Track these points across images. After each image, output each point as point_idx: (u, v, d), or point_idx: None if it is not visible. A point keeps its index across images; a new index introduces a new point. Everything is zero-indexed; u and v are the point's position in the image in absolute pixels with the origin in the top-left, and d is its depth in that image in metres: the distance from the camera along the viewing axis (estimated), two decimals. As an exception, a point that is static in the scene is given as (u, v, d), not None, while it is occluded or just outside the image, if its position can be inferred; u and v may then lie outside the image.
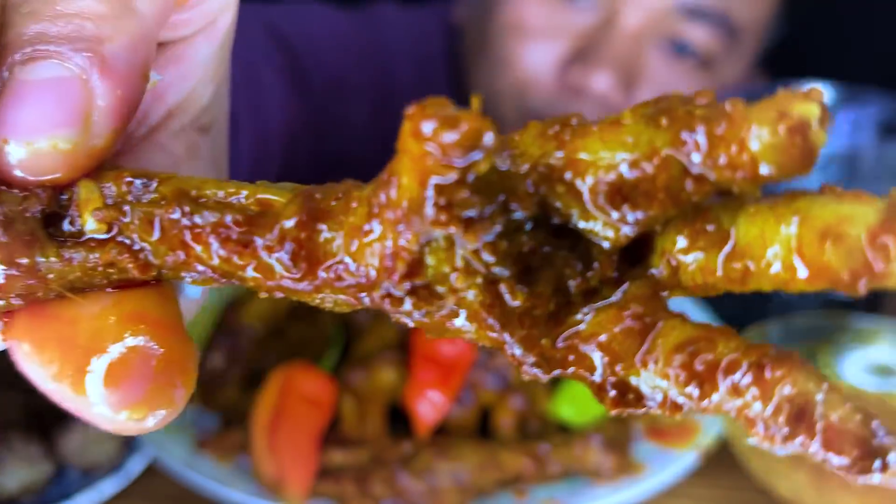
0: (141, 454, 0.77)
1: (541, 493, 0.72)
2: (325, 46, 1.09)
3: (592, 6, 1.04)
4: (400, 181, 0.22)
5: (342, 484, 0.70)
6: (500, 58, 1.10)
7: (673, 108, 0.22)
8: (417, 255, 0.23)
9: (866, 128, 0.96)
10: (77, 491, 0.74)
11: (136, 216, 0.25)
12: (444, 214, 0.22)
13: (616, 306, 0.24)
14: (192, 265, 0.25)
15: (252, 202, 0.25)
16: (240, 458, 0.74)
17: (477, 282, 0.23)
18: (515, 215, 0.23)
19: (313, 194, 0.25)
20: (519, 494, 0.72)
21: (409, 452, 0.72)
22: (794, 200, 0.22)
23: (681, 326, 0.23)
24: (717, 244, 0.23)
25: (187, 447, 0.75)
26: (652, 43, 1.04)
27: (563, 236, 0.24)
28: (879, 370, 0.85)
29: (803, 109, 0.20)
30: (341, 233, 0.24)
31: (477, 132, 0.21)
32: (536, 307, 0.24)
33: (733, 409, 0.22)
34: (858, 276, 0.20)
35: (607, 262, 0.24)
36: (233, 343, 0.80)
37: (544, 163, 0.23)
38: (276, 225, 0.24)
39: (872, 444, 0.21)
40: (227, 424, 0.78)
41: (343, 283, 0.24)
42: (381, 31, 1.18)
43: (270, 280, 0.25)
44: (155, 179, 0.26)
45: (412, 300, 0.24)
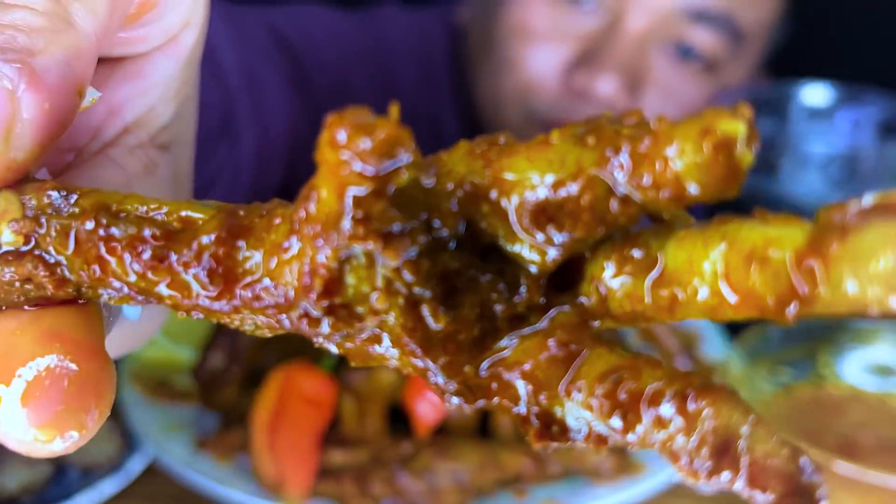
0: (141, 454, 0.77)
1: (541, 493, 0.72)
2: (327, 49, 1.08)
3: (597, 9, 1.04)
4: (319, 194, 0.21)
5: (342, 484, 0.70)
6: (505, 60, 1.10)
7: (601, 127, 0.21)
8: (336, 273, 0.22)
9: (866, 128, 0.96)
10: (77, 491, 0.74)
11: (53, 228, 0.24)
12: (362, 228, 0.21)
13: (542, 333, 0.23)
14: (108, 281, 0.24)
15: (174, 218, 0.24)
16: (240, 457, 0.74)
17: (398, 303, 0.22)
18: (439, 234, 0.22)
19: (237, 211, 0.24)
20: (519, 494, 0.72)
21: (409, 452, 0.72)
22: (723, 225, 0.21)
23: (607, 355, 0.22)
24: (644, 270, 0.22)
25: (187, 447, 0.75)
26: (657, 46, 1.04)
27: (491, 260, 0.23)
28: (879, 370, 0.85)
29: (729, 127, 0.20)
30: (261, 250, 0.23)
31: (393, 140, 0.20)
32: (460, 332, 0.23)
33: (658, 442, 0.21)
34: (785, 301, 0.20)
35: (535, 287, 0.23)
36: (233, 343, 0.80)
37: (470, 181, 0.22)
38: (195, 241, 0.23)
39: (800, 482, 0.20)
40: (227, 424, 0.79)
41: (262, 303, 0.23)
42: (384, 33, 1.17)
43: (187, 299, 0.24)
44: (76, 193, 0.25)
45: (330, 320, 0.23)
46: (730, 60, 1.06)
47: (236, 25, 0.94)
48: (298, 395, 0.72)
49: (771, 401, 0.82)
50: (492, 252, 0.23)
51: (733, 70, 1.08)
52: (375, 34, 1.16)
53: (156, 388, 0.82)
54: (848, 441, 0.76)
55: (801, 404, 0.82)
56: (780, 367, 0.84)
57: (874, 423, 0.80)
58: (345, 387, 0.75)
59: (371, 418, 0.74)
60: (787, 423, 0.79)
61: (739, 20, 1.03)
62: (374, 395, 0.75)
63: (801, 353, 0.85)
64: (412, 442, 0.73)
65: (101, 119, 0.30)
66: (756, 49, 1.10)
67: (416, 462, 0.71)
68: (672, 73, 1.05)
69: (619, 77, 1.02)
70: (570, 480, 0.74)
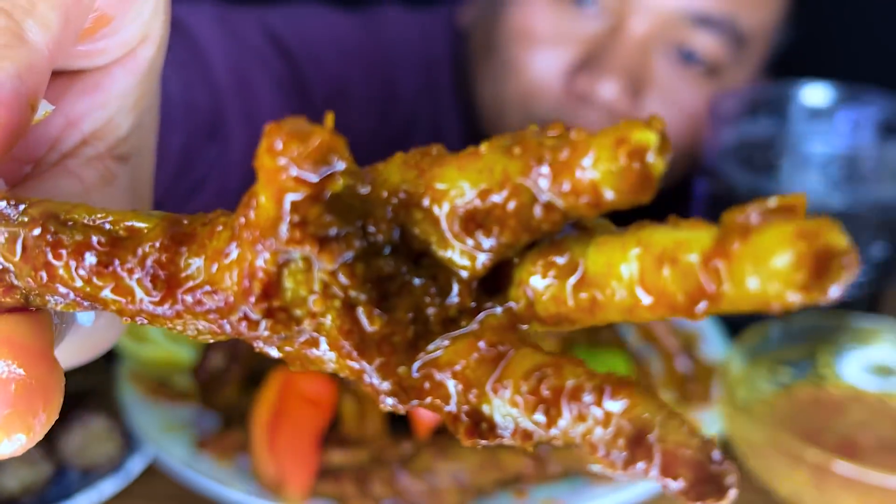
0: (141, 454, 0.77)
1: (541, 493, 0.72)
2: (325, 50, 1.08)
3: (600, 13, 1.03)
4: (258, 200, 0.22)
5: (342, 484, 0.70)
6: (507, 64, 1.10)
7: (525, 139, 0.22)
8: (275, 277, 0.23)
9: (866, 128, 0.96)
10: (77, 491, 0.74)
11: (2, 235, 0.25)
12: (299, 232, 0.22)
13: (472, 335, 0.24)
14: (55, 287, 0.25)
15: (120, 228, 0.25)
16: (240, 458, 0.74)
17: (335, 305, 0.23)
18: (374, 239, 0.23)
19: (180, 220, 0.25)
20: (519, 494, 0.72)
21: (409, 452, 0.73)
22: (638, 230, 0.22)
23: (532, 355, 0.23)
24: (567, 274, 0.23)
25: (187, 447, 0.75)
26: (659, 50, 1.04)
27: (424, 265, 0.24)
28: (879, 370, 0.85)
29: (642, 137, 0.21)
30: (203, 256, 0.24)
31: (328, 147, 0.21)
32: (395, 334, 0.23)
33: (578, 436, 0.22)
34: (694, 299, 0.21)
35: (466, 291, 0.24)
36: (233, 343, 0.80)
37: (404, 189, 0.23)
38: (139, 247, 0.24)
39: (709, 470, 0.21)
40: (227, 424, 0.79)
41: (203, 307, 0.24)
42: (385, 34, 1.17)
43: (131, 304, 0.25)
44: (25, 202, 0.26)
45: (269, 323, 0.23)
46: (732, 64, 1.06)
47: (227, 27, 0.94)
48: (298, 396, 0.73)
49: (771, 401, 0.82)
50: (424, 257, 0.24)
51: (735, 73, 1.08)
52: (376, 35, 1.16)
53: (156, 388, 0.82)
54: (848, 441, 0.76)
55: (801, 404, 0.82)
56: (780, 367, 0.84)
57: (874, 423, 0.80)
58: (345, 387, 0.76)
59: (371, 418, 0.75)
60: (787, 423, 0.79)
61: (741, 24, 1.03)
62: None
63: (801, 353, 0.85)
64: (412, 442, 0.73)
65: (58, 131, 0.31)
66: (758, 53, 1.10)
67: (416, 462, 0.71)
68: (674, 76, 1.05)
69: (620, 81, 1.02)
70: (570, 481, 0.74)
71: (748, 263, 0.20)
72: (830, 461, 0.67)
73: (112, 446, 0.76)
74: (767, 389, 0.83)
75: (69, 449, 0.75)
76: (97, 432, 0.76)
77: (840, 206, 0.88)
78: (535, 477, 0.73)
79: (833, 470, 0.67)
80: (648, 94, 1.05)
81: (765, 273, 0.20)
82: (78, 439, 0.75)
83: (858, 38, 1.53)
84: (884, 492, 0.66)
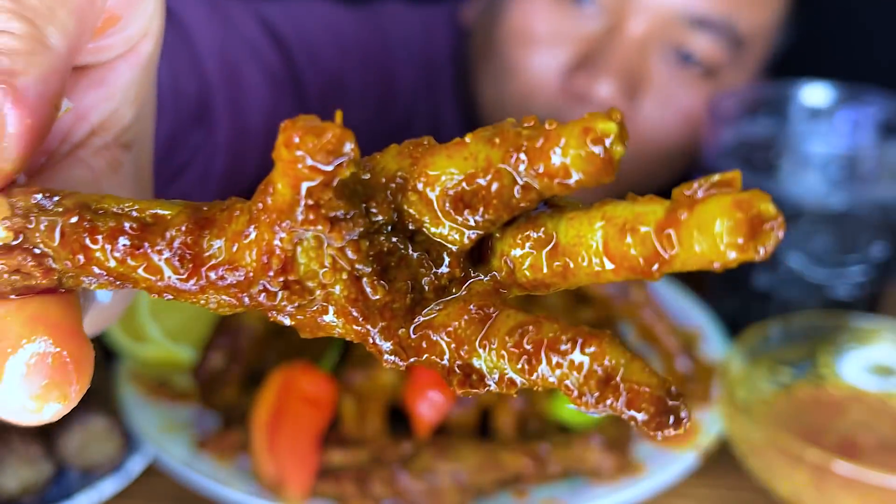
0: (141, 454, 0.77)
1: (541, 493, 0.72)
2: (323, 44, 1.08)
3: (599, 13, 1.03)
4: (276, 187, 0.26)
5: (342, 484, 0.70)
6: (506, 64, 1.10)
7: (505, 129, 0.26)
8: (291, 254, 0.27)
9: (866, 128, 0.96)
10: (77, 491, 0.74)
11: (42, 223, 0.28)
12: (313, 213, 0.25)
13: (462, 300, 0.28)
14: (90, 269, 0.28)
15: (146, 215, 0.28)
16: (240, 458, 0.74)
17: (343, 278, 0.27)
18: (376, 219, 0.27)
19: (201, 207, 0.28)
20: (519, 494, 0.72)
21: (409, 452, 0.73)
22: (602, 206, 0.26)
23: (514, 315, 0.27)
24: (542, 245, 0.27)
25: (187, 447, 0.75)
26: (657, 51, 1.04)
27: (419, 241, 0.28)
28: (879, 370, 0.85)
29: (604, 126, 0.24)
30: (223, 238, 0.27)
31: (340, 138, 0.24)
32: (395, 301, 0.27)
33: (556, 380, 0.26)
34: (651, 262, 0.25)
35: (455, 262, 0.28)
36: (233, 343, 0.80)
37: (400, 175, 0.27)
38: (167, 231, 0.28)
39: (667, 404, 0.25)
40: (227, 424, 0.79)
41: (225, 282, 0.27)
42: (386, 30, 1.17)
43: (161, 281, 0.28)
44: (59, 195, 0.29)
45: (285, 294, 0.27)
46: (729, 65, 1.06)
47: (220, 14, 0.95)
48: (298, 396, 0.73)
49: (771, 401, 0.82)
50: (419, 234, 0.28)
51: (733, 75, 1.08)
52: (376, 30, 1.16)
53: (156, 388, 0.82)
54: (848, 441, 0.76)
55: (801, 404, 0.82)
56: (780, 367, 0.84)
57: (874, 423, 0.80)
58: (345, 387, 0.76)
59: (371, 418, 0.75)
60: (786, 422, 0.79)
61: (739, 26, 1.03)
62: (373, 395, 0.75)
63: (801, 353, 0.85)
64: (412, 442, 0.73)
65: (69, 123, 0.34)
66: (756, 55, 1.10)
67: (416, 462, 0.71)
68: (671, 78, 1.05)
69: (617, 81, 1.02)
70: (570, 481, 0.74)
71: (694, 230, 0.24)
72: (830, 461, 0.67)
73: (112, 446, 0.76)
74: (767, 389, 0.83)
75: (69, 449, 0.75)
76: (97, 432, 0.76)
77: (840, 206, 0.88)
78: (535, 477, 0.73)
79: (833, 470, 0.67)
80: (645, 94, 1.05)
81: (708, 237, 0.23)
82: (78, 439, 0.75)
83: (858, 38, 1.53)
84: (884, 492, 0.66)
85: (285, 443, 0.70)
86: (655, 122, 1.07)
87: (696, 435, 0.78)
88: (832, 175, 0.88)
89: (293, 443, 0.70)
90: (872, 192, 0.88)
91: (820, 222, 0.90)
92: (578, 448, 0.74)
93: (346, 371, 0.77)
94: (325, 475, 0.71)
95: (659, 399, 0.25)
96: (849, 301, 0.94)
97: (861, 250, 0.91)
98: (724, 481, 0.80)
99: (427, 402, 0.72)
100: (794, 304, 0.93)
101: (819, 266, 0.91)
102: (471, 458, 0.71)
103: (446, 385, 0.27)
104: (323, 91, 1.07)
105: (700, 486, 0.79)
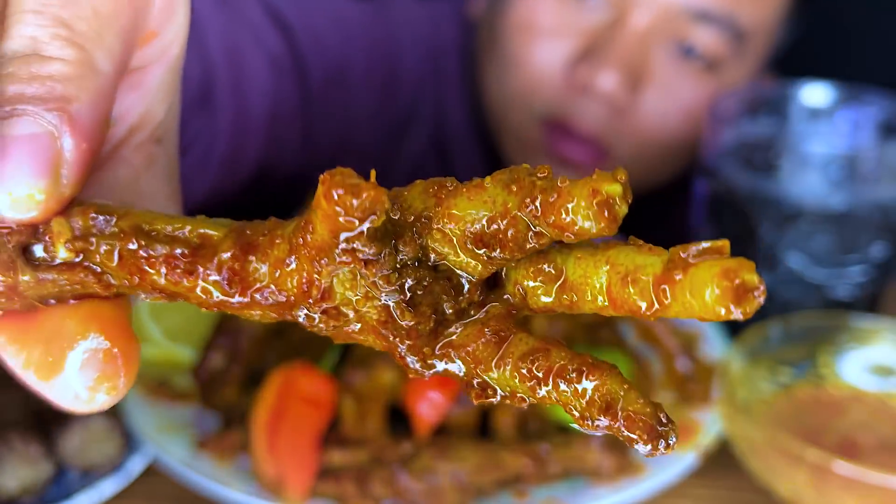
0: (141, 454, 0.77)
1: (541, 494, 0.72)
2: (328, 32, 1.08)
3: (602, 6, 1.04)
4: (315, 228, 0.29)
5: (342, 484, 0.70)
6: (510, 57, 1.10)
7: (521, 178, 0.29)
8: (328, 284, 0.30)
9: (866, 128, 0.96)
10: (77, 491, 0.74)
11: (101, 247, 0.31)
12: (349, 256, 0.29)
13: (479, 322, 0.31)
14: (146, 287, 0.31)
15: (195, 235, 0.31)
16: (240, 458, 0.74)
17: (374, 305, 0.30)
18: (403, 255, 0.30)
19: (244, 230, 0.31)
20: (519, 495, 0.73)
21: (409, 452, 0.73)
22: (607, 249, 0.30)
23: (526, 339, 0.31)
24: (553, 280, 0.31)
25: (187, 447, 0.75)
26: (659, 44, 1.04)
27: (441, 270, 0.31)
28: (879, 370, 0.85)
29: (610, 189, 0.28)
30: (267, 264, 0.31)
31: (375, 199, 0.27)
32: (420, 324, 0.31)
33: (561, 402, 0.30)
34: (648, 308, 0.28)
35: (474, 289, 0.31)
36: (233, 343, 0.80)
37: (426, 214, 0.30)
38: (216, 257, 0.31)
39: (658, 430, 0.28)
40: (227, 424, 0.79)
41: (268, 302, 0.31)
42: (394, 22, 1.18)
43: (210, 300, 0.31)
44: (114, 215, 0.31)
45: (323, 318, 0.31)
46: (732, 60, 1.07)
47: (224, 1, 0.95)
48: (298, 396, 0.73)
49: (771, 401, 0.82)
50: (441, 264, 0.31)
51: (735, 69, 1.08)
52: (383, 20, 1.16)
53: (156, 388, 0.82)
54: (848, 441, 0.76)
55: (801, 404, 0.82)
56: (780, 367, 0.84)
57: (874, 424, 0.80)
58: (345, 387, 0.76)
59: (371, 418, 0.75)
60: (786, 422, 0.79)
61: (742, 20, 1.03)
62: (373, 395, 0.75)
63: (801, 353, 0.85)
64: (412, 442, 0.73)
65: (112, 126, 0.36)
66: (759, 49, 1.10)
67: (416, 462, 0.71)
68: (673, 71, 1.05)
69: (620, 73, 1.03)
70: (570, 481, 0.74)
71: (687, 290, 0.27)
72: (830, 461, 0.67)
73: (112, 446, 0.76)
74: (767, 389, 0.83)
75: (69, 449, 0.75)
76: (97, 432, 0.76)
77: (840, 207, 0.88)
78: (535, 477, 0.73)
79: (833, 470, 0.67)
80: (647, 87, 1.06)
81: (699, 300, 0.27)
82: (78, 439, 0.75)
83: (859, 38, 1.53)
84: (884, 492, 0.66)
85: (285, 443, 0.70)
86: (657, 114, 1.07)
87: (696, 435, 0.78)
88: (832, 175, 0.88)
89: (293, 443, 0.70)
90: (872, 192, 0.88)
91: (820, 222, 0.90)
92: (578, 448, 0.74)
93: (346, 371, 0.77)
94: (325, 475, 0.71)
95: (652, 427, 0.28)
96: (849, 301, 0.94)
97: (861, 250, 0.91)
98: (723, 481, 0.80)
99: (427, 402, 0.72)
100: (794, 304, 0.94)
101: (819, 266, 0.91)
102: (471, 459, 0.71)
103: (464, 393, 0.30)
104: (327, 78, 1.07)
105: (700, 487, 0.79)
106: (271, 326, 0.83)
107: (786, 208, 0.90)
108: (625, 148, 1.10)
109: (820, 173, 0.88)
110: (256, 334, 0.81)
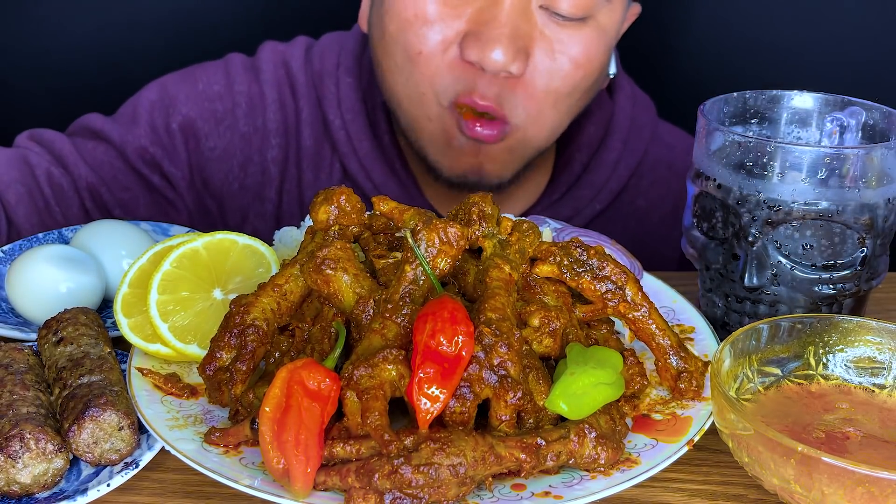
0: (151, 448, 0.78)
1: (538, 486, 0.73)
2: (204, 126, 1.36)
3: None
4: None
5: (345, 477, 0.71)
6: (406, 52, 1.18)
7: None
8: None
9: (852, 132, 0.99)
10: (89, 484, 0.75)
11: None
12: None
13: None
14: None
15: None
16: (247, 451, 0.75)
17: None
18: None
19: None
20: (516, 487, 0.73)
21: (411, 446, 0.73)
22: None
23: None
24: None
25: (196, 441, 0.76)
26: (536, 11, 1.14)
27: None
28: (865, 367, 0.86)
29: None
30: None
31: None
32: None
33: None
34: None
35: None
36: (240, 341, 0.81)
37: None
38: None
39: None
40: (234, 419, 0.80)
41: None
42: (249, 81, 1.40)
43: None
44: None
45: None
46: (600, 6, 1.17)
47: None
48: (303, 391, 0.73)
49: (760, 396, 0.83)
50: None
51: (607, 13, 1.18)
52: (239, 90, 1.39)
53: (165, 384, 0.84)
54: (835, 435, 0.77)
55: (789, 400, 0.83)
56: (768, 364, 0.85)
57: (861, 418, 0.80)
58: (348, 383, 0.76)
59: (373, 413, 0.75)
60: (775, 417, 0.79)
61: None
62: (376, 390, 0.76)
63: (790, 351, 0.86)
64: (413, 436, 0.74)
65: None
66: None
67: (416, 456, 0.72)
68: (555, 30, 1.15)
69: (507, 46, 1.12)
70: (567, 474, 0.75)
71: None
72: (818, 455, 0.68)
73: (123, 440, 0.77)
74: (756, 385, 0.84)
75: (81, 443, 0.76)
76: (108, 427, 0.77)
77: (827, 207, 0.90)
78: (532, 470, 0.73)
79: (820, 463, 0.68)
80: (536, 51, 1.15)
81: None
82: (89, 433, 0.76)
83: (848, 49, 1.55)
84: (870, 484, 0.67)
85: (290, 437, 0.71)
86: (550, 71, 1.17)
87: (687, 429, 0.79)
88: (819, 177, 0.90)
89: (298, 437, 0.71)
90: (857, 194, 0.90)
91: (808, 223, 0.91)
92: (574, 442, 0.74)
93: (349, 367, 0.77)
94: (329, 468, 0.72)
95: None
96: (835, 300, 0.95)
97: (847, 251, 0.92)
98: (714, 475, 0.81)
99: (427, 396, 0.73)
100: (782, 303, 0.95)
101: (807, 266, 0.93)
102: (469, 452, 0.72)
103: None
104: (213, 160, 1.34)
105: (691, 480, 0.80)
106: (277, 325, 0.84)
107: (775, 211, 0.91)
108: (522, 110, 1.19)
109: (808, 177, 0.89)
110: (262, 332, 0.82)
